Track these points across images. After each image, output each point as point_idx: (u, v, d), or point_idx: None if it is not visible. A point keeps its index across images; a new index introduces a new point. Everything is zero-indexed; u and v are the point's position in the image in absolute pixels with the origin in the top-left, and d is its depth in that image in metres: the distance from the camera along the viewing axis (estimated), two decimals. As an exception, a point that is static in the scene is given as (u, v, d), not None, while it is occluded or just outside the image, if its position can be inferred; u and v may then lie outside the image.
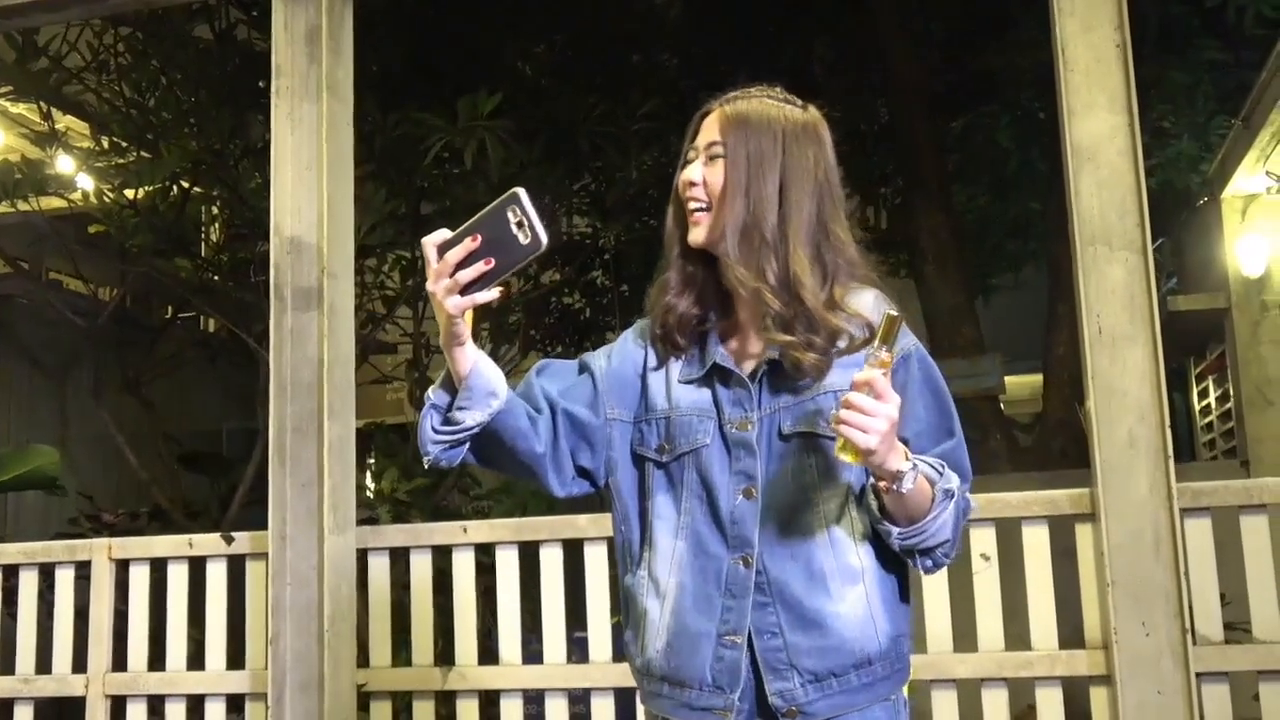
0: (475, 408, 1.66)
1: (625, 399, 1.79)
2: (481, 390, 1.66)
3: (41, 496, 6.76)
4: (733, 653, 1.66)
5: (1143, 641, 2.85)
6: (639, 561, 1.77)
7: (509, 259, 1.57)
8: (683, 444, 1.73)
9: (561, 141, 6.04)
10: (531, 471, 1.76)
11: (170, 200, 5.97)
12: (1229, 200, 7.79)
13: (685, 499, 1.73)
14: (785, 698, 1.66)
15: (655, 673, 1.72)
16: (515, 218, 1.56)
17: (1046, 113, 6.32)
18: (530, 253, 1.57)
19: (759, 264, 1.67)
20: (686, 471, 1.73)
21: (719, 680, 1.67)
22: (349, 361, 3.49)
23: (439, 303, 1.58)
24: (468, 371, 1.65)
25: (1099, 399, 2.91)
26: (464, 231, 1.58)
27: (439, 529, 3.59)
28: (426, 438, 1.69)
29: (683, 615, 1.69)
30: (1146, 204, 2.93)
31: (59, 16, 4.23)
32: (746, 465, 1.69)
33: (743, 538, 1.68)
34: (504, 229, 1.56)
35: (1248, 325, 7.88)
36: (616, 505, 1.81)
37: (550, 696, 3.39)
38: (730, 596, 1.68)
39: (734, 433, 1.70)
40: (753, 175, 1.68)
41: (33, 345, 7.79)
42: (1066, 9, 3.02)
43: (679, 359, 1.77)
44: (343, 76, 3.55)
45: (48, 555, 3.86)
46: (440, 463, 1.71)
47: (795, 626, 1.66)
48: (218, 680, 3.61)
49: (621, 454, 1.79)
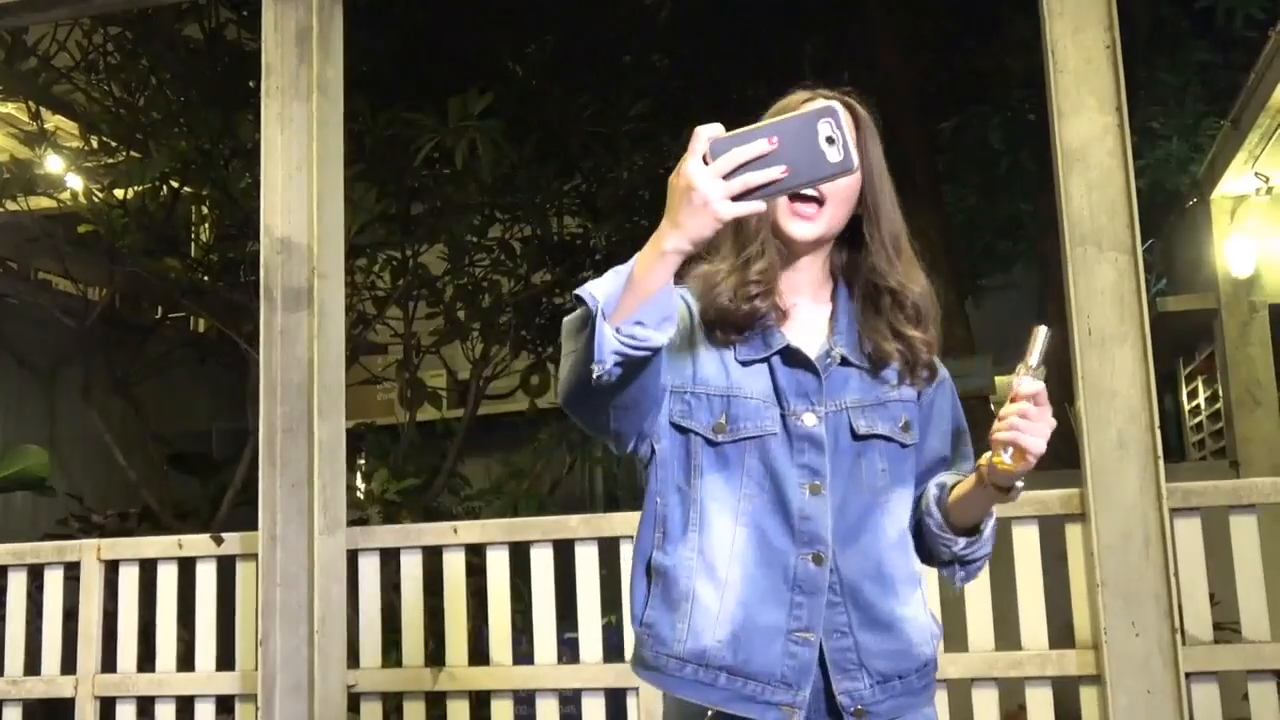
0: (654, 327, 1.47)
1: (674, 367, 1.70)
2: (666, 309, 1.49)
3: (30, 497, 6.73)
4: (805, 650, 1.65)
5: (1132, 641, 2.85)
6: (680, 540, 1.70)
7: (809, 173, 1.40)
8: (747, 427, 1.67)
9: (552, 142, 6.05)
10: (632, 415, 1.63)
11: (160, 200, 5.96)
12: (1218, 201, 7.81)
13: (745, 485, 1.68)
14: (853, 697, 1.66)
15: (713, 662, 1.65)
16: (828, 130, 1.39)
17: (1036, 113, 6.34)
18: (840, 172, 1.41)
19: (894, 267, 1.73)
20: (747, 456, 1.68)
21: (788, 677, 1.64)
22: (339, 362, 3.49)
23: (705, 202, 1.39)
24: (664, 285, 1.46)
25: (1089, 399, 2.91)
26: (754, 131, 1.39)
27: (429, 530, 3.59)
28: (605, 345, 1.45)
29: (751, 607, 1.65)
30: (1136, 205, 2.94)
31: (48, 16, 4.22)
32: (812, 460, 1.67)
33: (813, 534, 1.66)
34: (810, 139, 1.39)
35: (1237, 326, 7.90)
36: (658, 474, 1.72)
37: (541, 697, 3.39)
38: (800, 593, 1.65)
39: (798, 425, 1.67)
40: (879, 179, 1.73)
41: (21, 346, 7.75)
42: (1056, 10, 3.02)
43: (739, 343, 1.70)
44: (333, 76, 3.55)
45: (37, 556, 3.85)
46: (603, 378, 1.47)
47: (865, 627, 1.67)
48: (207, 681, 3.60)
49: (664, 422, 1.71)
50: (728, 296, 1.67)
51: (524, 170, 5.79)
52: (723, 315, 1.68)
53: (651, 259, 1.44)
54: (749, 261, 1.68)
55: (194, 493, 7.05)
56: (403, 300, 6.31)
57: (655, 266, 1.44)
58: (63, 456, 7.18)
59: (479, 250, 6.49)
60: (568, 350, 1.54)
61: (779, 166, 1.38)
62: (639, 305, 1.46)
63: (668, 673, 1.68)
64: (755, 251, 1.68)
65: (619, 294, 1.47)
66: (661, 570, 1.70)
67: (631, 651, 1.78)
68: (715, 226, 1.40)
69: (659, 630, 1.69)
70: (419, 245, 6.14)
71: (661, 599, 1.70)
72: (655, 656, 1.69)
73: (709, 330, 1.71)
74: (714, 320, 1.70)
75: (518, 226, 6.58)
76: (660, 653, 1.69)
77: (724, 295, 1.67)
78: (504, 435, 8.24)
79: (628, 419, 1.63)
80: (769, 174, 1.38)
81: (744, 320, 1.68)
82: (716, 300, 1.68)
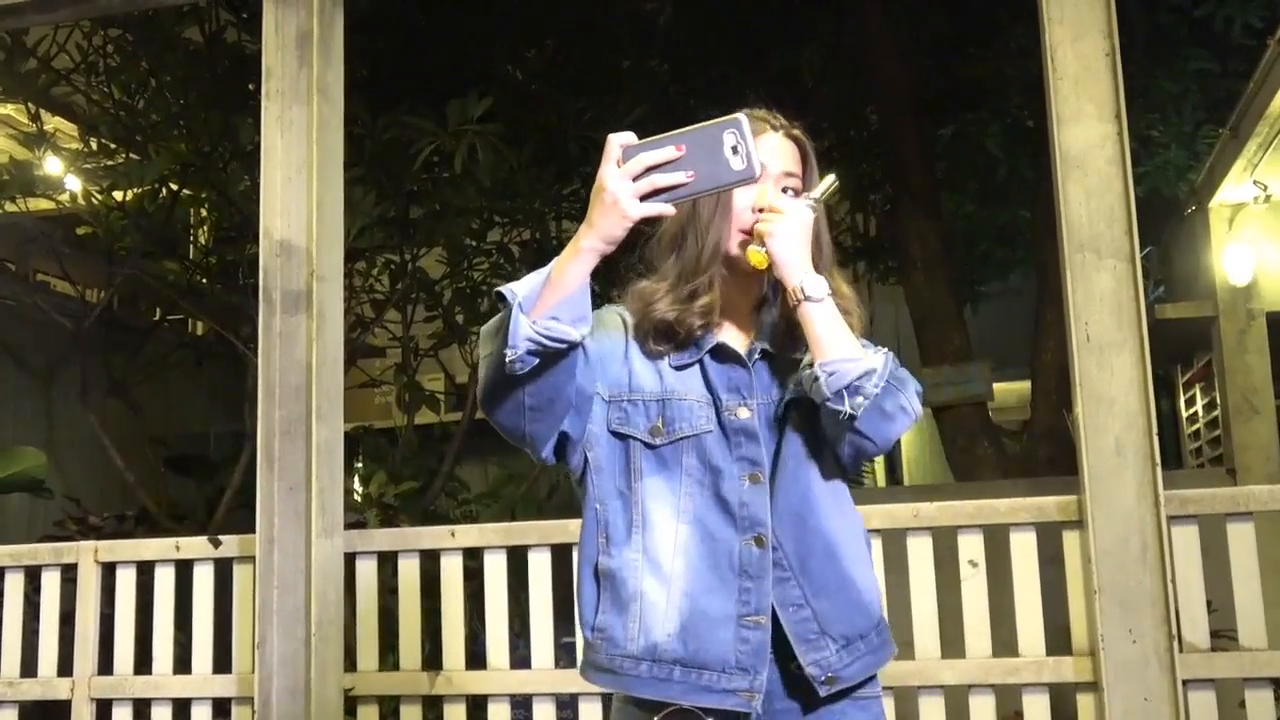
0: (569, 323, 1.57)
1: (605, 375, 1.75)
2: (582, 308, 1.58)
3: (27, 499, 6.73)
4: (757, 633, 1.67)
5: (1129, 648, 2.86)
6: (624, 542, 1.73)
7: (713, 179, 1.49)
8: (683, 428, 1.73)
9: (551, 146, 6.05)
10: (545, 418, 1.67)
11: (159, 202, 5.96)
12: (1216, 209, 7.81)
13: (684, 483, 1.73)
14: (822, 666, 1.68)
15: (665, 657, 1.68)
16: (733, 140, 1.47)
17: (1035, 120, 6.35)
18: (742, 179, 1.50)
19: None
20: (685, 456, 1.73)
21: (743, 662, 1.67)
22: (337, 365, 3.49)
23: (615, 202, 1.50)
24: (581, 285, 1.57)
25: (1087, 406, 2.92)
26: (666, 139, 1.50)
27: (427, 533, 3.59)
28: (520, 332, 1.54)
29: (696, 598, 1.68)
30: (1134, 212, 2.94)
31: (48, 18, 4.21)
32: (750, 451, 1.72)
33: (754, 518, 1.70)
34: (715, 148, 1.48)
35: (1234, 333, 7.90)
36: (594, 481, 1.76)
37: (538, 701, 3.39)
38: (747, 578, 1.68)
39: (732, 419, 1.73)
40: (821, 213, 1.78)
41: (19, 347, 7.76)
42: (1056, 17, 3.03)
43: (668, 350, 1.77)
44: (333, 80, 3.55)
45: (33, 558, 3.84)
46: (516, 366, 1.56)
47: (820, 595, 1.71)
48: (204, 684, 3.60)
49: (600, 430, 1.75)
50: (666, 314, 1.74)
51: (523, 174, 5.79)
52: (659, 330, 1.75)
53: (568, 256, 1.55)
54: (695, 294, 1.74)
55: (191, 495, 7.05)
56: (401, 303, 6.31)
57: (571, 263, 1.55)
58: (60, 458, 7.18)
59: (478, 254, 6.50)
60: (485, 353, 1.63)
61: (685, 171, 1.48)
62: (555, 301, 1.56)
63: (622, 673, 1.71)
64: (703, 285, 1.74)
65: (538, 291, 1.57)
66: (608, 573, 1.74)
67: (581, 658, 1.80)
68: (625, 224, 1.51)
69: (611, 633, 1.72)
70: (418, 249, 6.15)
71: (611, 602, 1.73)
72: (610, 659, 1.72)
73: (643, 342, 1.77)
74: (649, 333, 1.76)
75: (516, 230, 6.58)
76: (614, 654, 1.71)
77: (659, 312, 1.74)
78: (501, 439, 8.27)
79: (542, 420, 1.67)
80: (675, 178, 1.48)
81: (684, 335, 1.75)
82: (652, 315, 1.75)
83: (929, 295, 6.92)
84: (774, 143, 1.77)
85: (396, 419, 6.88)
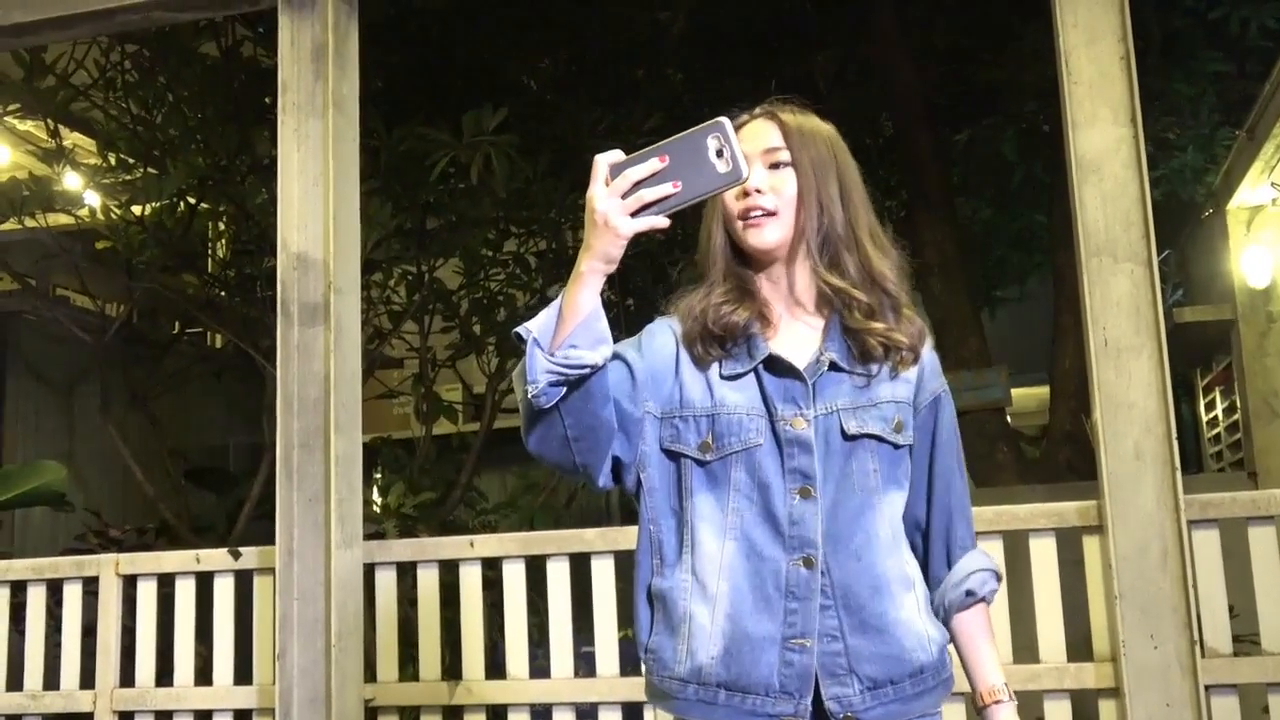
0: (588, 348, 1.56)
1: (659, 393, 1.74)
2: (599, 332, 1.57)
3: (49, 512, 6.76)
4: (802, 657, 1.64)
5: (1151, 654, 2.84)
6: (675, 563, 1.73)
7: (700, 186, 1.49)
8: (732, 443, 1.69)
9: (567, 156, 6.05)
10: (592, 447, 1.66)
11: (177, 216, 5.99)
12: (1234, 212, 7.79)
13: (732, 499, 1.70)
14: (842, 703, 1.64)
15: (710, 680, 1.66)
16: (716, 144, 1.48)
17: (1050, 125, 6.33)
18: (728, 182, 1.50)
19: (841, 264, 1.73)
20: (734, 471, 1.70)
21: (787, 686, 1.64)
22: (355, 376, 3.50)
23: (607, 222, 1.50)
24: (592, 309, 1.56)
25: (1105, 411, 2.91)
26: (649, 152, 1.50)
27: (446, 543, 3.59)
28: (536, 366, 1.56)
29: (741, 620, 1.66)
30: (1151, 216, 2.93)
31: (66, 34, 4.24)
32: (802, 464, 1.68)
33: (803, 538, 1.66)
34: (699, 154, 1.49)
35: (1254, 336, 7.87)
36: (648, 502, 1.75)
37: (558, 711, 3.39)
38: (793, 599, 1.65)
39: (788, 430, 1.68)
40: (821, 181, 1.73)
41: (40, 361, 7.80)
42: (1070, 21, 3.03)
43: (723, 360, 1.74)
44: (348, 92, 3.57)
45: (55, 571, 3.86)
46: (540, 399, 1.57)
47: (856, 631, 1.66)
48: (225, 695, 3.61)
49: (653, 449, 1.74)
50: (697, 314, 1.74)
51: (538, 184, 5.80)
52: (702, 332, 1.74)
53: (573, 283, 1.56)
54: (713, 285, 1.75)
55: (211, 507, 7.07)
56: (418, 315, 6.32)
57: (577, 290, 1.55)
58: (80, 472, 7.22)
59: (494, 264, 6.51)
60: (518, 396, 1.63)
61: (671, 182, 1.48)
62: (570, 329, 1.55)
63: (673, 695, 1.70)
64: (718, 276, 1.76)
65: (553, 323, 1.57)
66: (660, 595, 1.74)
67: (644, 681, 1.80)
68: (620, 242, 1.51)
69: (662, 655, 1.72)
70: (434, 260, 6.16)
71: (663, 624, 1.73)
72: (661, 681, 1.72)
73: (692, 351, 1.75)
74: (695, 338, 1.74)
75: (532, 240, 6.59)
76: (665, 677, 1.71)
77: (693, 313, 1.75)
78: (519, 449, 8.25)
79: (589, 449, 1.66)
80: (662, 189, 1.49)
81: (723, 334, 1.72)
82: (693, 319, 1.75)
83: (946, 301, 6.90)
84: (752, 127, 1.77)
85: (414, 430, 6.90)
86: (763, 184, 1.72)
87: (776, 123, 1.76)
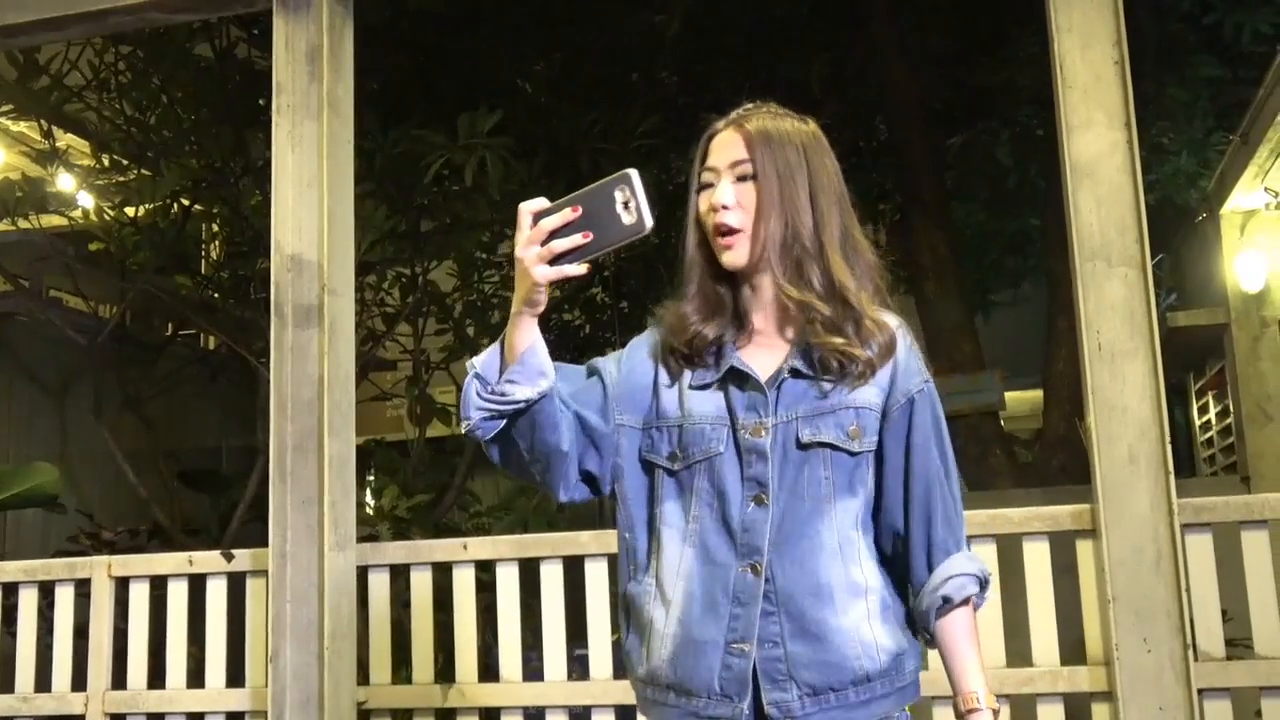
0: (526, 383, 1.64)
1: (636, 405, 1.77)
2: (535, 368, 1.64)
3: (41, 514, 6.75)
4: (741, 661, 1.66)
5: (1144, 658, 2.84)
6: (645, 569, 1.77)
7: (608, 237, 1.56)
8: (696, 452, 1.72)
9: (561, 158, 6.05)
10: (547, 469, 1.72)
11: (171, 218, 5.99)
12: (1228, 216, 7.80)
13: (695, 507, 1.72)
14: (781, 708, 1.65)
15: (661, 681, 1.71)
16: (623, 197, 1.55)
17: (1045, 129, 6.34)
18: (633, 234, 1.57)
19: (804, 275, 1.71)
20: (698, 479, 1.72)
21: (727, 689, 1.66)
22: (349, 378, 3.50)
23: (525, 269, 1.58)
24: (527, 346, 1.64)
25: (1099, 415, 2.91)
26: (564, 202, 1.57)
27: (439, 546, 3.59)
28: (470, 402, 1.67)
29: (689, 624, 1.69)
30: (1145, 220, 2.94)
31: (60, 35, 4.24)
32: (758, 472, 1.69)
33: (752, 545, 1.67)
34: (608, 206, 1.55)
35: (1247, 341, 7.89)
36: (621, 511, 1.80)
37: (551, 714, 3.39)
38: (738, 604, 1.67)
39: (747, 439, 1.70)
40: (785, 190, 1.71)
41: (33, 363, 7.78)
42: (1065, 26, 3.03)
43: (693, 370, 1.76)
44: (343, 94, 3.57)
45: (47, 573, 3.85)
46: (476, 432, 1.68)
47: (796, 637, 1.66)
48: (217, 698, 3.61)
49: (629, 460, 1.77)
50: (672, 330, 1.78)
51: (533, 187, 5.79)
52: (673, 346, 1.78)
53: (510, 324, 1.65)
54: (687, 299, 1.78)
55: (204, 509, 7.06)
56: (412, 317, 6.32)
57: (513, 331, 1.64)
58: (73, 473, 7.20)
59: (488, 267, 6.51)
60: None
61: (582, 232, 1.56)
62: (509, 366, 1.65)
63: (639, 696, 1.78)
64: (693, 289, 1.78)
65: (497, 359, 1.67)
66: (630, 599, 1.80)
67: None
68: (539, 290, 1.59)
69: (631, 657, 1.79)
70: (429, 262, 6.16)
71: (633, 628, 1.79)
72: (632, 682, 1.79)
73: (666, 363, 1.79)
74: (668, 350, 1.79)
75: (527, 243, 6.58)
76: (633, 678, 1.79)
77: (670, 327, 1.78)
78: (513, 452, 8.26)
79: (545, 472, 1.74)
80: (573, 240, 1.56)
81: (688, 349, 1.75)
82: (668, 331, 1.79)
83: (940, 304, 6.91)
84: (721, 139, 1.76)
85: (408, 432, 6.89)
86: (729, 199, 1.71)
87: (742, 133, 1.74)
